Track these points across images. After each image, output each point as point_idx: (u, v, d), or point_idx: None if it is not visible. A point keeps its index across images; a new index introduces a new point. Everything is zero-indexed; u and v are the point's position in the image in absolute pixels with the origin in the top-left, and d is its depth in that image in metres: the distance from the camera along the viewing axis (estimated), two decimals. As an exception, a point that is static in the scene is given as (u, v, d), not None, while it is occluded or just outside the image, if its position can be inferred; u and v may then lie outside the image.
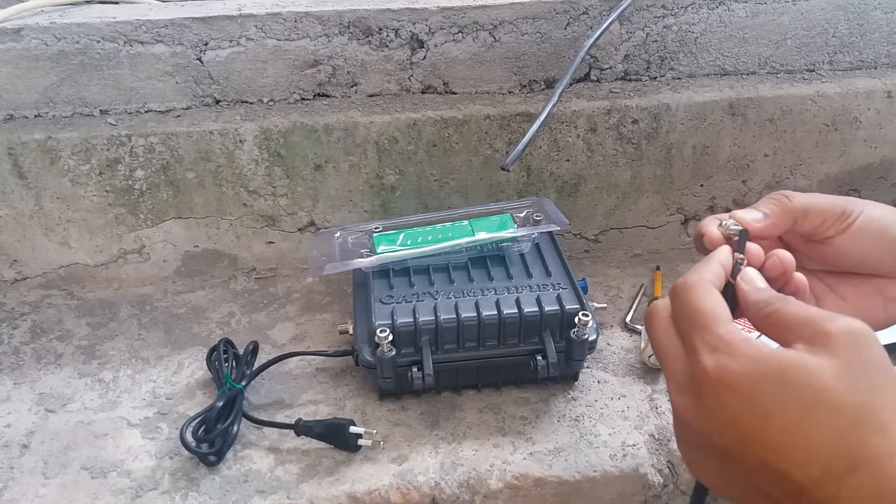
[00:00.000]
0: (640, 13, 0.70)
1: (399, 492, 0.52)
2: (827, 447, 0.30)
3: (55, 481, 0.53)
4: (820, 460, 0.30)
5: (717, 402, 0.33)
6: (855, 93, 0.73)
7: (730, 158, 0.74)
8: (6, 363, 0.64)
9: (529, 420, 0.58)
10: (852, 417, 0.30)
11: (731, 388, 0.32)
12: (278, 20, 0.66)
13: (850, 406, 0.30)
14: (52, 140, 0.65)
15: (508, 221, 0.63)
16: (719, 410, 0.32)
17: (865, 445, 0.29)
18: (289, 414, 0.59)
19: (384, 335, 0.54)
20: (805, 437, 0.30)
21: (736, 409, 0.32)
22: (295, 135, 0.68)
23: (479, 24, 0.68)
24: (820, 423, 0.30)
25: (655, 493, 0.55)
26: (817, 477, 0.30)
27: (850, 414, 0.30)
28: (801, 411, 0.31)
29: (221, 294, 0.73)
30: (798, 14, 0.72)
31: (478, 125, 0.69)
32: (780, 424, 0.31)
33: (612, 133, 0.71)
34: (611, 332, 0.67)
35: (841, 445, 0.30)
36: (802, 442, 0.30)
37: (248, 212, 0.71)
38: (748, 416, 0.31)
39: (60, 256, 0.72)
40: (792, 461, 0.30)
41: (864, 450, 0.29)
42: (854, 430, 0.30)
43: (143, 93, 0.68)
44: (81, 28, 0.64)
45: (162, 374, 0.63)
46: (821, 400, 0.31)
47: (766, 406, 0.31)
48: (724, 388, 0.32)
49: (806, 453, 0.30)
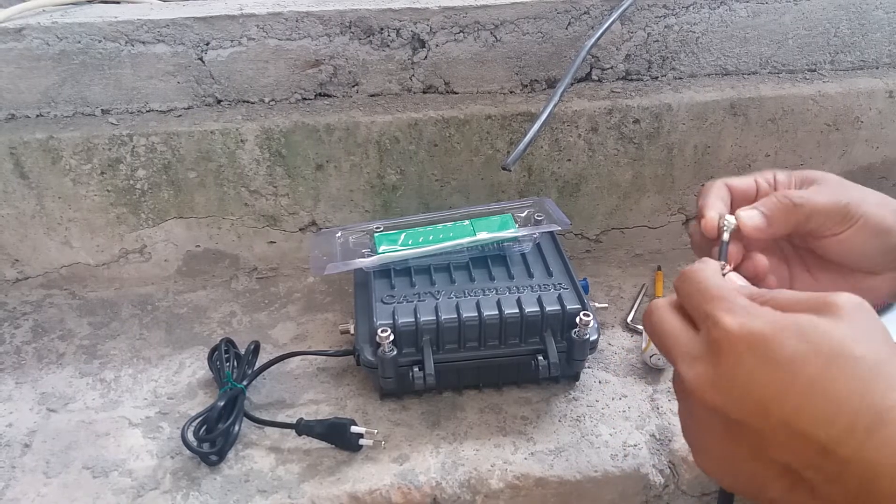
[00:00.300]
0: (642, 13, 0.70)
1: (400, 491, 0.52)
2: (850, 401, 0.29)
3: (56, 481, 0.53)
4: (844, 415, 0.29)
5: (736, 364, 0.32)
6: (856, 93, 0.73)
7: (731, 158, 0.74)
8: (8, 363, 0.65)
9: (530, 420, 0.58)
10: (872, 372, 0.30)
11: (751, 347, 0.32)
12: (280, 20, 0.66)
13: (869, 360, 0.30)
14: (53, 140, 0.65)
15: (510, 221, 0.63)
16: (739, 373, 0.32)
17: (887, 400, 0.29)
18: (290, 413, 0.59)
19: (385, 335, 0.54)
20: (829, 392, 0.30)
21: (757, 370, 0.31)
22: (296, 134, 0.68)
23: (480, 23, 0.68)
24: (843, 377, 0.30)
25: (656, 494, 0.55)
26: (841, 434, 0.29)
27: (870, 368, 0.30)
28: (824, 366, 0.30)
29: (223, 294, 0.73)
30: (799, 14, 0.72)
31: (479, 125, 0.69)
32: (803, 381, 0.30)
33: (614, 133, 0.71)
34: (612, 332, 0.67)
35: (865, 399, 0.29)
36: (826, 397, 0.30)
37: (249, 211, 0.71)
38: (770, 376, 0.31)
39: (62, 256, 0.72)
40: (815, 419, 0.30)
41: (887, 404, 0.29)
42: (876, 383, 0.30)
43: (144, 92, 0.68)
44: (83, 28, 0.64)
45: (163, 373, 0.63)
46: (842, 354, 0.30)
47: (787, 364, 0.31)
48: (745, 347, 0.32)
49: (830, 409, 0.30)
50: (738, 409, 0.32)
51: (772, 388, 0.31)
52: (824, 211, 0.43)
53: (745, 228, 0.42)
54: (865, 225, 0.43)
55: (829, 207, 0.43)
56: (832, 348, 0.31)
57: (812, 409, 0.30)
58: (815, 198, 0.43)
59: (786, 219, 0.43)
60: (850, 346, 0.31)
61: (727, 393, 0.32)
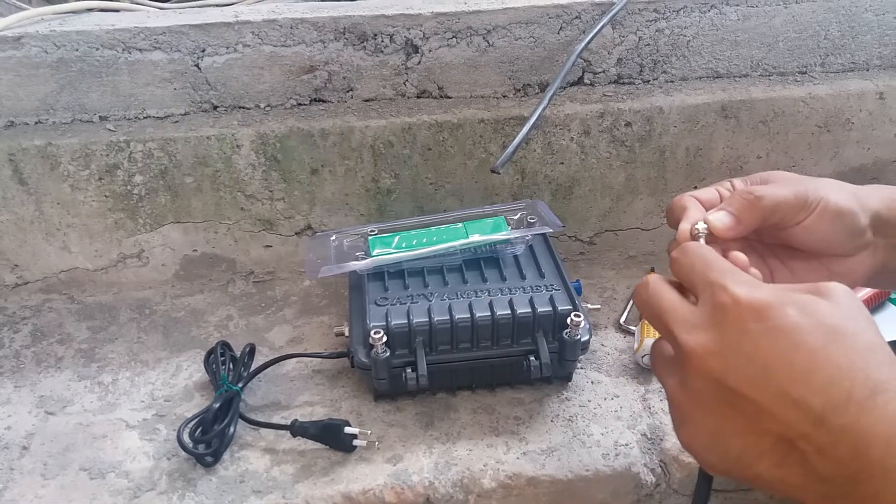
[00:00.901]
0: (633, 17, 0.70)
1: (393, 491, 0.53)
2: (850, 370, 0.31)
3: (54, 482, 0.54)
4: (843, 383, 0.30)
5: (741, 332, 0.33)
6: (847, 94, 0.74)
7: (723, 160, 0.75)
8: (7, 366, 0.65)
9: (523, 420, 0.58)
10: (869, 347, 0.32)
11: (756, 315, 0.32)
12: (274, 27, 0.67)
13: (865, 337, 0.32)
14: (52, 146, 0.66)
15: (502, 224, 0.64)
16: (743, 340, 0.32)
17: (883, 372, 0.31)
18: (285, 415, 0.59)
19: (378, 336, 0.55)
20: (829, 363, 0.31)
21: (761, 338, 0.32)
22: (291, 139, 0.68)
23: (472, 29, 0.69)
24: (842, 350, 0.31)
25: (648, 493, 0.55)
26: (839, 402, 0.30)
27: (866, 344, 0.32)
28: (825, 338, 0.31)
29: (220, 297, 0.74)
30: (790, 17, 0.73)
31: (472, 129, 0.70)
32: (805, 351, 0.31)
33: (606, 136, 0.72)
34: (605, 333, 0.68)
35: (862, 369, 0.31)
36: (826, 367, 0.31)
37: (245, 216, 0.72)
38: (774, 344, 0.32)
39: (61, 261, 0.72)
40: (815, 387, 0.31)
41: (882, 376, 0.31)
42: (872, 357, 0.31)
43: (141, 99, 0.69)
44: (81, 36, 0.65)
45: (160, 376, 0.64)
46: (839, 330, 0.32)
47: (792, 333, 0.32)
48: (750, 315, 0.33)
49: (829, 378, 0.31)
50: (738, 377, 0.32)
51: (774, 356, 0.32)
52: (785, 201, 0.43)
53: (717, 230, 0.43)
54: (826, 209, 0.44)
55: (789, 197, 0.43)
56: (831, 324, 0.32)
57: (812, 379, 0.31)
58: (776, 191, 0.44)
59: (752, 214, 0.43)
60: (848, 324, 0.32)
61: (729, 360, 0.33)
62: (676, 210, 0.46)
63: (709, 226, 0.43)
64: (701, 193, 0.47)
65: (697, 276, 0.36)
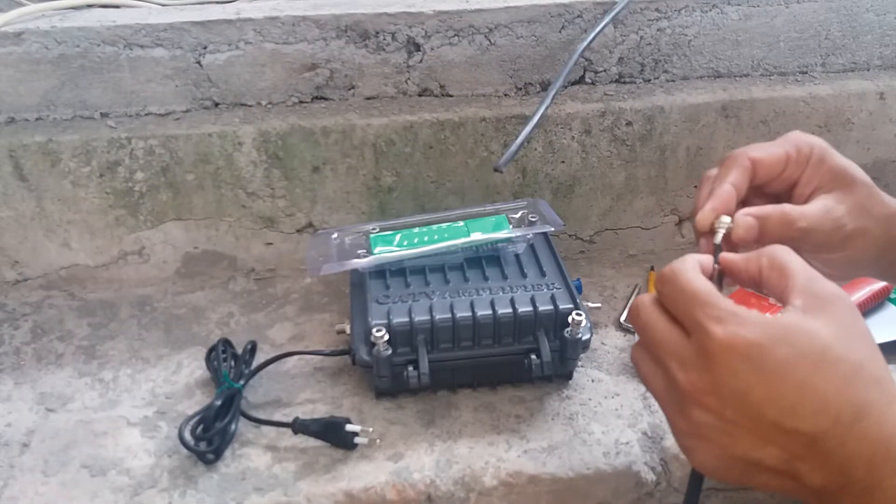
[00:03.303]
0: (634, 16, 0.71)
1: (395, 489, 0.53)
2: (836, 397, 0.33)
3: (55, 479, 0.54)
4: (830, 410, 0.33)
5: (730, 372, 0.34)
6: (847, 94, 0.74)
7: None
8: (7, 363, 0.65)
9: (524, 418, 0.58)
10: (854, 371, 0.33)
11: (744, 357, 0.33)
12: (276, 24, 0.67)
13: (850, 361, 0.33)
14: (52, 143, 0.66)
15: (504, 222, 0.64)
16: (733, 380, 0.34)
17: (868, 394, 0.33)
18: (286, 412, 0.59)
19: (380, 334, 0.55)
20: (816, 391, 0.33)
21: (750, 376, 0.33)
22: (293, 137, 0.68)
23: (474, 27, 0.69)
24: (828, 377, 0.33)
25: (648, 491, 0.56)
26: (827, 428, 0.33)
27: (852, 367, 0.33)
28: (811, 367, 0.33)
29: (221, 295, 0.74)
30: (791, 17, 0.73)
31: (474, 127, 0.70)
32: (792, 384, 0.33)
33: (607, 135, 0.72)
34: (605, 332, 0.68)
35: (847, 395, 0.33)
36: (814, 395, 0.33)
37: (246, 213, 0.72)
38: (763, 382, 0.33)
39: (61, 258, 0.72)
40: (805, 416, 0.33)
41: (866, 399, 0.33)
42: (857, 380, 0.33)
43: (143, 96, 0.69)
44: (82, 32, 0.65)
45: (161, 373, 0.64)
46: (827, 356, 0.33)
47: (779, 368, 0.33)
48: (737, 357, 0.34)
49: (818, 405, 0.33)
50: (734, 412, 0.34)
51: (765, 392, 0.33)
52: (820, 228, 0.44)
53: (736, 235, 0.44)
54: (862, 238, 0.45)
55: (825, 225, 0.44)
56: (818, 351, 0.33)
57: (801, 410, 0.33)
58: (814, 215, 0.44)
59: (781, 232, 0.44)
60: (834, 348, 0.33)
61: (725, 398, 0.34)
62: (724, 178, 0.45)
63: (733, 229, 0.43)
64: (766, 156, 0.46)
65: (681, 311, 0.36)
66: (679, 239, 0.79)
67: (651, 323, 0.37)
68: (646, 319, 0.38)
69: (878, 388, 0.33)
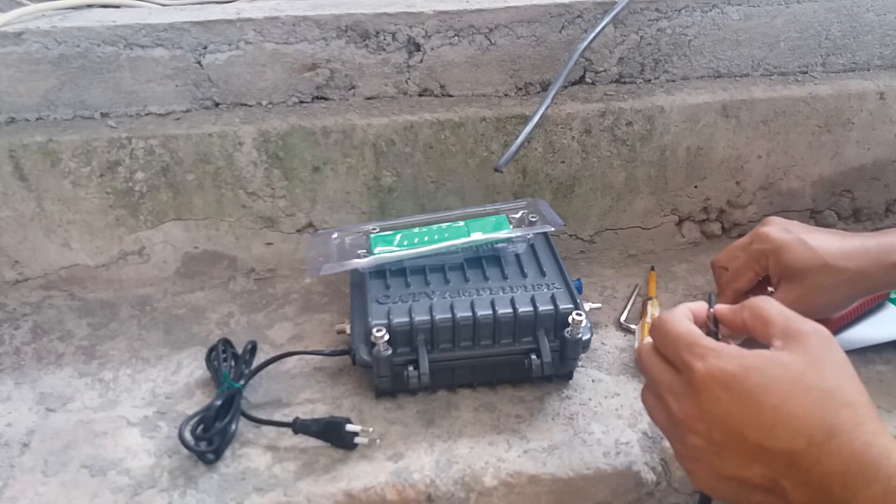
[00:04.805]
0: (634, 16, 0.71)
1: (395, 489, 0.53)
2: (809, 419, 0.37)
3: (55, 479, 0.54)
4: (804, 431, 0.37)
5: (712, 399, 0.39)
6: (847, 94, 0.74)
7: (723, 160, 0.75)
8: (7, 363, 0.65)
9: (524, 418, 0.58)
10: (825, 396, 0.38)
11: (723, 385, 0.39)
12: (276, 24, 0.67)
13: (822, 388, 0.38)
14: (53, 142, 0.66)
15: (504, 222, 0.64)
16: (715, 406, 0.39)
17: (838, 416, 0.37)
18: (286, 412, 0.59)
19: (380, 334, 0.55)
20: (790, 414, 0.37)
21: (730, 404, 0.39)
22: (293, 137, 0.68)
23: (475, 27, 0.69)
24: (800, 402, 0.38)
25: (648, 491, 0.56)
26: (803, 447, 0.37)
27: (823, 393, 0.38)
28: (784, 393, 0.38)
29: (221, 295, 0.73)
30: (791, 17, 0.73)
31: (474, 127, 0.70)
32: (768, 409, 0.38)
33: (607, 135, 0.72)
34: (605, 332, 0.68)
35: (819, 417, 0.37)
36: (789, 417, 0.37)
37: (247, 213, 0.72)
38: (742, 407, 0.38)
39: (61, 258, 0.72)
40: (782, 436, 0.37)
41: (837, 419, 0.37)
42: (828, 404, 0.38)
43: (143, 96, 0.69)
44: (82, 32, 0.65)
45: (161, 373, 0.64)
46: (799, 385, 0.38)
47: (755, 394, 0.38)
48: (717, 386, 0.39)
49: (793, 426, 0.37)
50: (720, 436, 0.39)
51: (744, 417, 0.38)
52: None
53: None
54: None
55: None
56: (790, 379, 0.38)
57: (778, 431, 0.37)
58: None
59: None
60: (806, 380, 0.38)
61: (711, 423, 0.39)
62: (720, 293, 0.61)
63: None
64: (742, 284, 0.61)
65: (671, 353, 0.42)
66: (679, 239, 0.80)
67: (650, 365, 0.44)
68: (646, 363, 0.45)
69: (850, 410, 0.37)
